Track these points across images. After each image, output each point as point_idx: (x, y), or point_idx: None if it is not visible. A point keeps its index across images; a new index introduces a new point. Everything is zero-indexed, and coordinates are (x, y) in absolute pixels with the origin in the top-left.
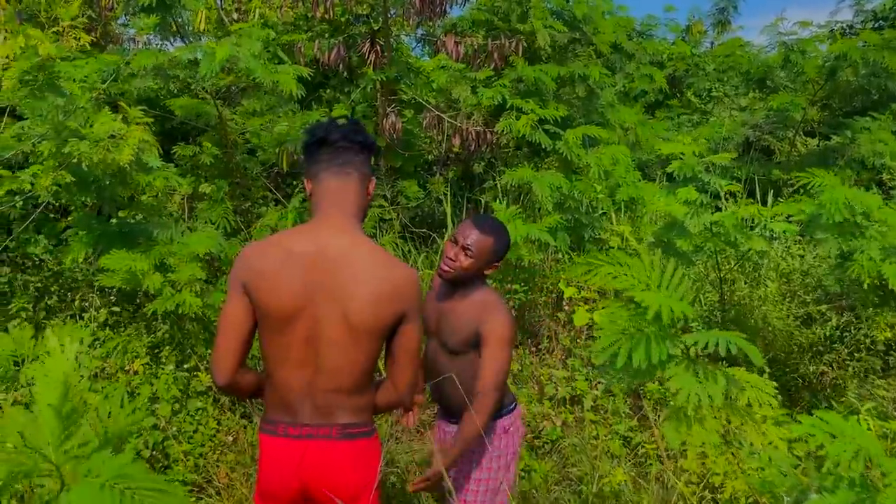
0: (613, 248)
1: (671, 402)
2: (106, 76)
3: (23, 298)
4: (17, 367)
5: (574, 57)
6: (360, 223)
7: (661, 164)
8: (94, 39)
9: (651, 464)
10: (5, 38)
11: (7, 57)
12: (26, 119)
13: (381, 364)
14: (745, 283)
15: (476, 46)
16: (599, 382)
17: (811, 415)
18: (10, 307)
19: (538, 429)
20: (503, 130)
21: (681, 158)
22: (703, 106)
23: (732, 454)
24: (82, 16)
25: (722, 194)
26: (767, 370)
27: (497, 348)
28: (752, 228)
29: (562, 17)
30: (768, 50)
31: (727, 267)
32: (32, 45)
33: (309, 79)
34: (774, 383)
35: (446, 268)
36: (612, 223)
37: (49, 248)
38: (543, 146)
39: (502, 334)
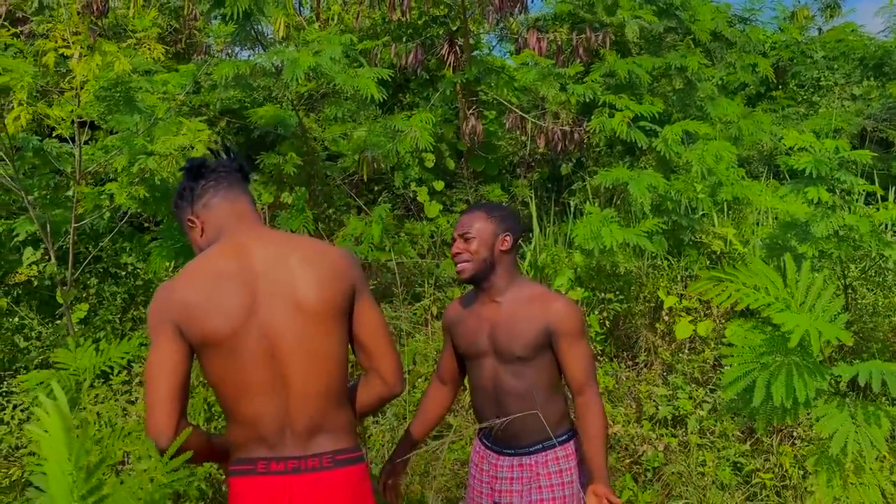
0: (717, 252)
1: (820, 451)
2: (186, 88)
3: (110, 309)
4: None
5: (668, 48)
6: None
7: (766, 161)
8: (180, 50)
9: (767, 496)
10: (81, 54)
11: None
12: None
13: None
14: (868, 289)
15: (560, 42)
16: (705, 401)
17: None
18: (95, 319)
19: (637, 453)
20: (594, 129)
21: (809, 152)
22: (808, 97)
23: None
24: (167, 27)
25: (855, 195)
26: None
27: (577, 339)
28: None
29: (655, 3)
30: (884, 35)
31: (852, 274)
32: (109, 62)
33: (389, 80)
34: None
35: (460, 266)
36: (713, 225)
37: (141, 258)
38: (639, 144)
39: (577, 322)
